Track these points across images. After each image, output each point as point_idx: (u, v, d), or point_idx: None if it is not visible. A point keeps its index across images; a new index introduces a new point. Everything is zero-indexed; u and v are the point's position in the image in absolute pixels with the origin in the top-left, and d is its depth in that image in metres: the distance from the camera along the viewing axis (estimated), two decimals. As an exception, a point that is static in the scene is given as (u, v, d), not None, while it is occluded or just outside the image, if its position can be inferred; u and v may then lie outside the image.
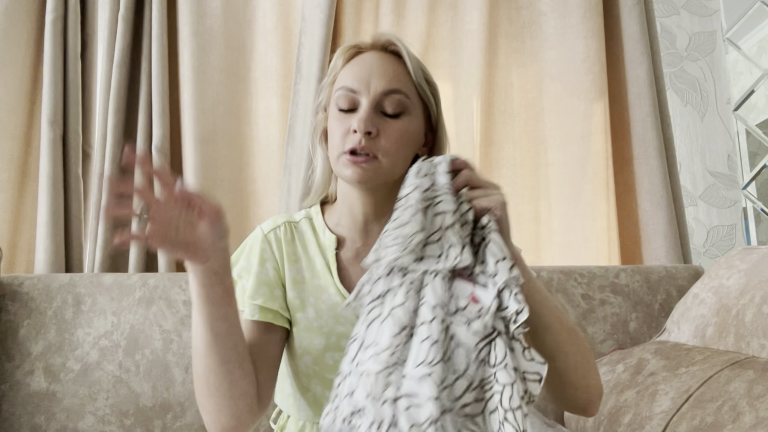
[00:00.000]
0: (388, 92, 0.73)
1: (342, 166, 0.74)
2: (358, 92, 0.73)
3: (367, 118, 0.71)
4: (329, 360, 0.74)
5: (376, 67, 0.74)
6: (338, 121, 0.74)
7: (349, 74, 0.75)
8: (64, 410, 1.19)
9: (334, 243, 0.80)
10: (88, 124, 1.50)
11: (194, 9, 1.51)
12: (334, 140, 0.75)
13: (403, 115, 0.74)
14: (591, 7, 1.53)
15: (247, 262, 0.80)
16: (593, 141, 1.54)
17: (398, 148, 0.74)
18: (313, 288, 0.78)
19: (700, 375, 0.86)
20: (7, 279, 1.26)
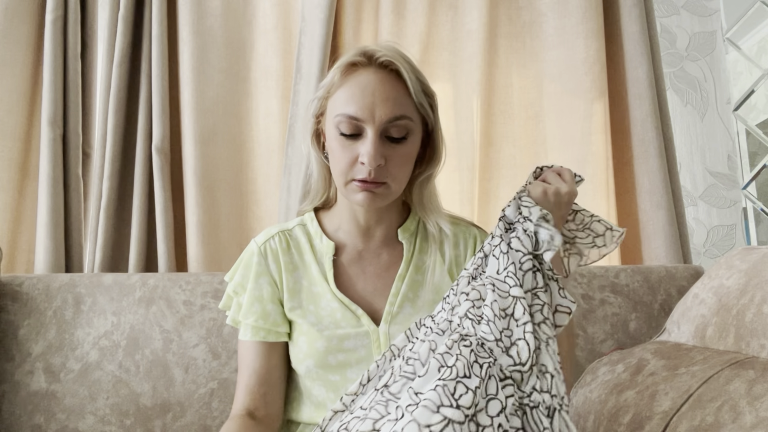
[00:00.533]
0: (392, 119, 0.72)
1: (351, 192, 0.74)
2: (362, 120, 0.71)
3: (376, 152, 0.70)
4: (332, 361, 0.75)
5: (379, 93, 0.71)
6: (342, 147, 0.73)
7: (350, 99, 0.72)
8: (64, 410, 1.19)
9: (332, 249, 0.80)
10: (88, 124, 1.50)
11: (194, 9, 1.51)
12: (339, 166, 0.73)
13: (407, 137, 0.74)
14: (591, 7, 1.53)
15: (242, 278, 0.80)
16: (593, 141, 1.54)
17: (405, 171, 0.75)
18: (311, 295, 0.78)
19: (700, 375, 0.86)
20: (7, 279, 1.26)
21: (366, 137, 0.71)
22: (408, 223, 0.84)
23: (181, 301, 1.24)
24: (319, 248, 0.81)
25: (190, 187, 1.45)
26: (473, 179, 1.53)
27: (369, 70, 0.73)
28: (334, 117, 0.73)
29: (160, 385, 1.20)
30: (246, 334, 0.78)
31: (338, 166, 0.74)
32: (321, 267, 0.79)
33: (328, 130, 0.76)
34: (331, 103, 0.75)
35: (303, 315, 0.77)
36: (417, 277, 0.80)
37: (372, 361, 0.74)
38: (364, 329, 0.75)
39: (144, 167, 1.43)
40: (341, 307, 0.76)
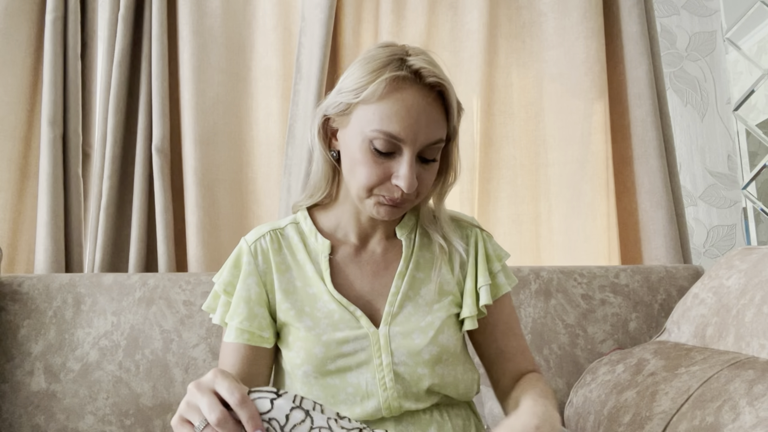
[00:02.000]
0: (432, 143, 0.70)
1: (372, 206, 0.72)
2: (403, 140, 0.68)
3: (412, 175, 0.68)
4: (331, 367, 0.72)
5: (424, 117, 0.68)
6: (373, 163, 0.69)
7: (392, 116, 0.67)
8: (64, 410, 1.19)
9: (327, 248, 0.78)
10: (88, 124, 1.50)
11: (194, 9, 1.51)
12: (366, 181, 0.70)
13: (437, 158, 0.73)
14: (591, 7, 1.53)
15: (232, 276, 0.78)
16: (593, 141, 1.54)
17: (425, 190, 0.74)
18: (306, 297, 0.76)
19: (700, 375, 0.86)
20: (7, 279, 1.26)
21: (402, 157, 0.69)
22: (406, 220, 0.83)
23: (181, 301, 1.23)
24: (313, 247, 0.79)
25: (190, 187, 1.45)
26: (473, 179, 1.53)
27: (415, 89, 0.69)
28: (370, 130, 0.69)
29: (160, 385, 1.19)
30: (230, 336, 0.75)
31: (364, 180, 0.70)
32: (317, 266, 0.77)
33: (352, 135, 0.71)
34: (364, 112, 0.70)
35: (299, 318, 0.75)
36: (418, 275, 0.78)
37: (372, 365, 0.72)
38: (363, 331, 0.73)
39: (144, 167, 1.43)
40: (339, 308, 0.74)
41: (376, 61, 0.70)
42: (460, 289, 0.80)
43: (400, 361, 0.72)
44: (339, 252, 0.79)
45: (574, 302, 1.30)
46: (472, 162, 1.52)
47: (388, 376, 0.71)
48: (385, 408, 0.72)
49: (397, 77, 0.68)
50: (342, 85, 0.73)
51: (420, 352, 0.72)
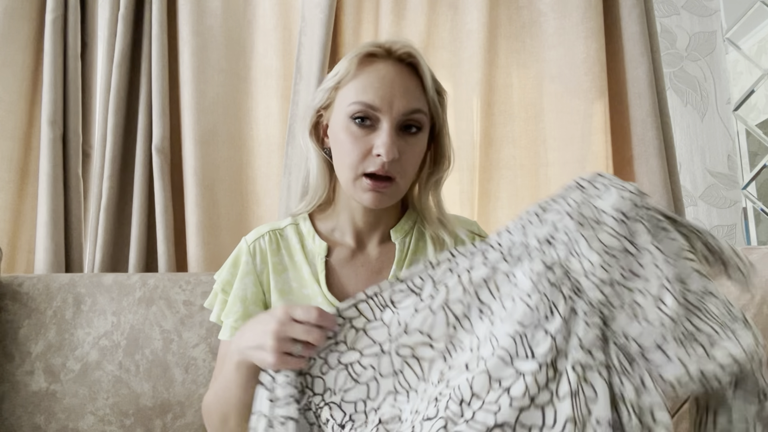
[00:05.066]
0: (409, 112, 0.71)
1: (360, 190, 0.72)
2: (379, 110, 0.70)
3: (392, 143, 0.69)
4: None
5: (398, 84, 0.71)
6: (354, 138, 0.71)
7: (366, 86, 0.71)
8: (64, 410, 1.19)
9: (324, 250, 0.78)
10: (88, 124, 1.50)
11: (194, 9, 1.51)
12: (349, 158, 0.71)
13: (419, 132, 0.73)
14: (591, 7, 1.53)
15: (230, 275, 0.79)
16: (593, 141, 1.54)
17: (414, 168, 0.74)
18: (301, 298, 0.77)
19: (700, 375, 0.86)
20: (7, 279, 1.26)
21: (381, 129, 0.70)
22: (401, 223, 0.83)
23: (181, 301, 1.23)
24: (311, 248, 0.80)
25: (190, 187, 1.45)
26: (473, 179, 1.53)
27: (388, 62, 0.72)
28: (347, 105, 0.71)
29: (160, 385, 1.19)
30: (225, 334, 0.77)
31: (348, 158, 0.71)
32: (313, 268, 0.78)
33: (336, 121, 0.74)
34: (343, 94, 0.73)
35: None
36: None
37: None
38: None
39: (144, 167, 1.43)
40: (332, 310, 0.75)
41: (357, 49, 0.74)
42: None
43: None
44: (335, 254, 0.80)
45: (574, 302, 1.30)
46: (472, 162, 1.52)
47: None
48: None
49: (368, 53, 0.72)
50: (325, 79, 0.76)
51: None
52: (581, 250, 0.57)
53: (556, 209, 0.61)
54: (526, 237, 0.62)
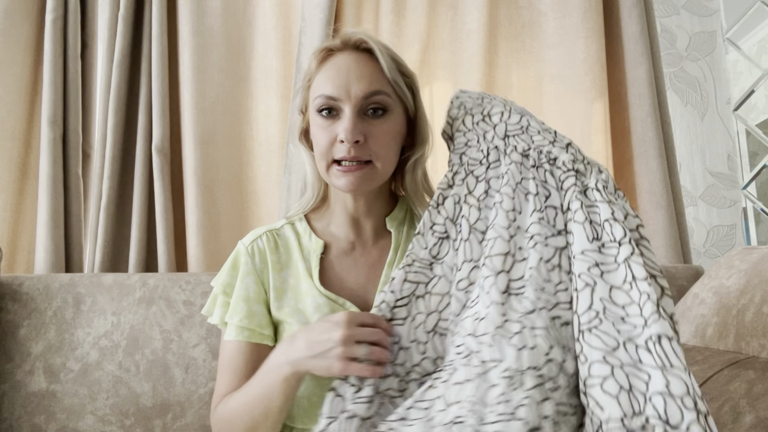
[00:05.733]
0: (368, 95, 0.73)
1: (333, 177, 0.74)
2: (339, 99, 0.73)
3: (353, 127, 0.71)
4: None
5: (353, 71, 0.73)
6: (322, 129, 0.74)
7: (326, 80, 0.74)
8: (64, 410, 1.19)
9: (320, 247, 0.80)
10: (88, 124, 1.50)
11: (194, 9, 1.51)
12: (319, 148, 0.74)
13: (386, 114, 0.75)
14: (591, 7, 1.53)
15: (230, 278, 0.80)
16: (593, 141, 1.54)
17: (388, 149, 0.75)
18: (299, 293, 0.78)
19: (700, 375, 0.86)
20: (7, 279, 1.26)
21: (344, 116, 0.73)
22: (396, 212, 0.84)
23: (181, 301, 1.23)
24: (307, 246, 0.81)
25: (190, 187, 1.45)
26: (473, 179, 1.53)
27: (344, 53, 0.76)
28: (313, 101, 0.75)
29: (160, 385, 1.19)
30: (230, 334, 0.77)
31: (318, 149, 0.75)
32: (307, 264, 0.79)
33: (311, 118, 0.77)
34: (311, 91, 0.77)
35: (291, 314, 0.77)
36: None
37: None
38: None
39: (144, 167, 1.43)
40: (327, 302, 0.76)
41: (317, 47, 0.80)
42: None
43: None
44: (333, 250, 0.81)
45: (574, 302, 1.30)
46: (472, 162, 1.52)
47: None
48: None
49: (326, 48, 0.76)
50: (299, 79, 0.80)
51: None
52: (538, 127, 0.74)
53: (492, 112, 0.76)
54: (492, 141, 0.73)
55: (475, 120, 0.76)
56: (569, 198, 0.66)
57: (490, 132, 0.74)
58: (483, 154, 0.74)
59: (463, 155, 0.75)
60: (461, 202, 0.71)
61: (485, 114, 0.76)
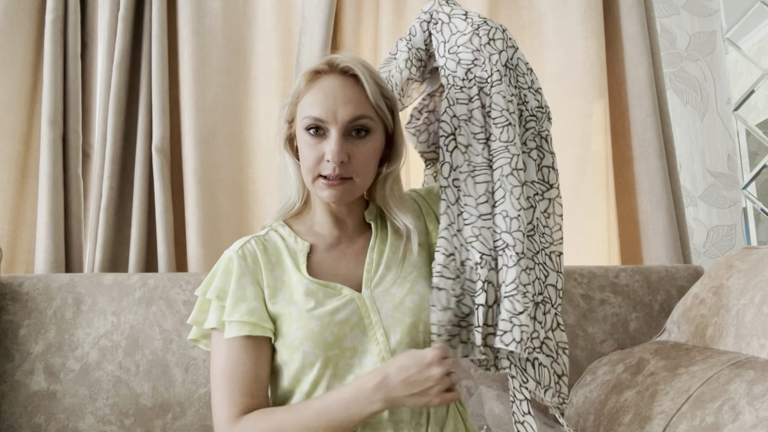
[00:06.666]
0: (353, 119, 0.79)
1: (319, 189, 0.81)
2: (326, 121, 0.79)
3: (339, 149, 0.78)
4: (329, 337, 0.77)
5: (340, 96, 0.80)
6: (309, 147, 0.80)
7: (314, 102, 0.80)
8: (64, 410, 1.19)
9: (306, 248, 0.85)
10: (88, 124, 1.50)
11: (194, 9, 1.51)
12: (306, 164, 0.81)
13: (368, 135, 0.81)
14: (591, 7, 1.53)
15: (223, 283, 0.82)
16: (593, 141, 1.54)
17: (368, 167, 0.82)
18: (291, 287, 0.82)
19: (700, 375, 0.86)
20: (7, 279, 1.26)
21: (330, 137, 0.79)
22: (371, 207, 0.92)
23: (181, 301, 1.23)
24: (293, 247, 0.86)
25: (190, 187, 1.45)
26: (473, 179, 1.53)
27: (331, 76, 0.82)
28: (302, 119, 0.81)
29: (160, 385, 1.20)
30: (231, 332, 0.78)
31: (306, 164, 0.81)
32: (295, 262, 0.84)
33: (298, 132, 0.83)
34: (300, 108, 0.83)
35: (289, 305, 0.80)
36: (384, 247, 0.87)
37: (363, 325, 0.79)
38: (348, 297, 0.80)
39: (144, 167, 1.43)
40: (319, 288, 0.80)
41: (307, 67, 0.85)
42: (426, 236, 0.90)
43: (387, 315, 0.80)
44: (320, 247, 0.86)
45: (574, 302, 1.30)
46: (472, 162, 1.52)
47: (379, 332, 0.79)
48: (380, 362, 0.77)
49: (314, 70, 0.82)
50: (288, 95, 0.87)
51: (402, 301, 0.80)
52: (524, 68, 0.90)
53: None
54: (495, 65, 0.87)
55: (481, 42, 0.88)
56: (527, 136, 0.87)
57: (495, 56, 0.87)
58: (488, 74, 0.86)
59: (470, 71, 0.87)
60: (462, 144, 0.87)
61: (491, 37, 0.88)
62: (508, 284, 0.77)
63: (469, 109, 0.85)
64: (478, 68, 0.86)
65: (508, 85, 0.85)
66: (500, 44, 0.87)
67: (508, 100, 0.84)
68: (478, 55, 0.87)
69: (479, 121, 0.85)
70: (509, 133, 0.82)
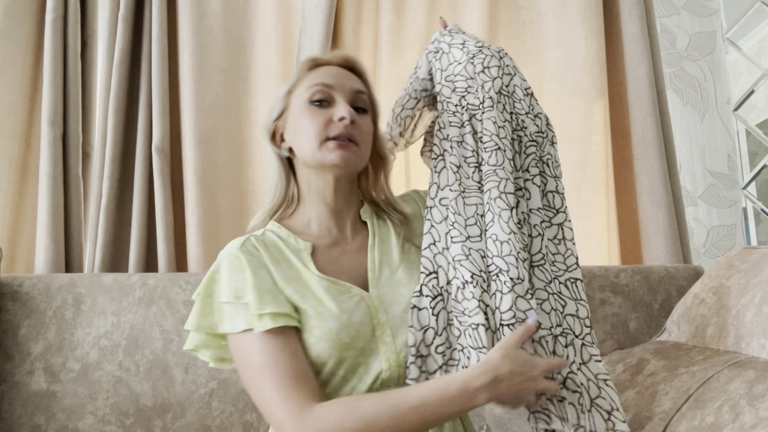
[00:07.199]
0: (359, 91, 0.84)
1: (327, 151, 0.80)
2: (334, 88, 0.82)
3: (351, 109, 0.80)
4: (345, 338, 0.74)
5: (344, 74, 0.85)
6: (314, 114, 0.81)
7: (317, 75, 0.83)
8: (64, 410, 1.19)
9: (309, 247, 0.82)
10: (88, 124, 1.50)
11: (194, 9, 1.51)
12: (312, 129, 0.80)
13: (366, 113, 0.85)
14: (591, 7, 1.53)
15: (236, 281, 0.77)
16: (593, 141, 1.54)
17: (368, 140, 0.84)
18: (301, 283, 0.78)
19: (700, 375, 0.86)
20: (7, 279, 1.26)
21: (338, 102, 0.81)
22: (366, 206, 0.91)
23: (181, 301, 1.24)
24: (295, 246, 0.83)
25: (190, 187, 1.45)
26: (473, 179, 1.53)
27: (332, 64, 0.87)
28: (306, 90, 0.82)
29: (160, 385, 1.20)
30: (266, 324, 0.72)
31: (312, 130, 0.80)
32: (301, 260, 0.81)
33: (296, 113, 0.83)
34: (297, 93, 0.84)
35: (303, 300, 0.76)
36: (383, 245, 0.86)
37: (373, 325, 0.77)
38: (358, 297, 0.78)
39: (144, 167, 1.43)
40: (331, 285, 0.78)
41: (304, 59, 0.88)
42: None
43: (395, 316, 0.78)
44: (320, 248, 0.84)
45: (574, 302, 1.30)
46: (472, 162, 1.52)
47: (386, 332, 0.77)
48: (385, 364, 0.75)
49: (314, 60, 0.87)
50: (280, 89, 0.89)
51: (410, 302, 0.78)
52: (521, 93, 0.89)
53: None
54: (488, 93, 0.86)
55: (476, 69, 0.88)
56: (529, 162, 0.85)
57: (488, 83, 0.87)
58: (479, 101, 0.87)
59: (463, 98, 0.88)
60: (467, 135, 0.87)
61: (486, 65, 0.88)
62: (504, 311, 0.73)
63: (461, 133, 0.86)
64: (471, 95, 0.87)
65: (501, 111, 0.85)
66: (495, 71, 0.87)
67: (500, 125, 0.84)
68: (471, 83, 0.88)
69: (471, 146, 0.84)
70: (497, 157, 0.81)
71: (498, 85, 0.87)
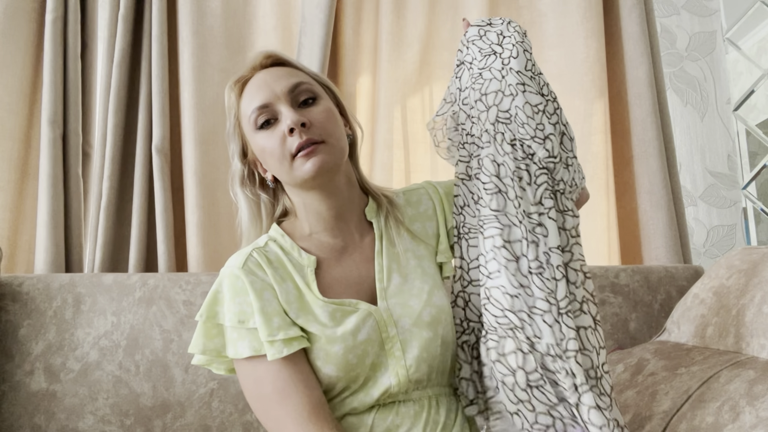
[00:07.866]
0: (293, 87, 0.77)
1: (299, 166, 0.75)
2: (270, 103, 0.76)
3: (293, 115, 0.74)
4: (353, 359, 0.73)
5: (270, 79, 0.78)
6: (267, 137, 0.76)
7: (250, 99, 0.78)
8: (64, 410, 1.19)
9: (313, 263, 0.78)
10: (88, 124, 1.50)
11: (194, 9, 1.51)
12: (275, 154, 0.76)
13: (317, 100, 0.79)
14: (591, 7, 1.53)
15: (239, 304, 0.74)
16: (593, 141, 1.54)
17: (332, 127, 0.77)
18: (305, 304, 0.76)
19: (700, 375, 0.86)
20: (7, 279, 1.26)
21: (282, 113, 0.76)
22: (371, 203, 0.85)
23: (181, 301, 1.24)
24: (298, 260, 0.79)
25: (190, 187, 1.45)
26: (473, 179, 1.53)
27: (255, 76, 0.80)
28: (248, 122, 0.78)
29: (160, 385, 1.20)
30: (279, 351, 0.70)
31: (275, 155, 0.76)
32: (304, 278, 0.77)
33: (252, 143, 0.79)
34: (243, 122, 0.80)
35: (307, 322, 0.74)
36: (392, 249, 0.82)
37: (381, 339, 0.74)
38: (366, 312, 0.75)
39: (144, 167, 1.43)
40: (336, 309, 0.75)
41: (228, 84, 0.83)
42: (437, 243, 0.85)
43: (405, 329, 0.75)
44: (325, 262, 0.79)
45: (574, 302, 1.30)
46: (472, 162, 1.52)
47: (396, 346, 0.74)
48: (395, 379, 0.73)
49: (237, 80, 0.81)
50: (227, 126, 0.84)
51: (420, 315, 0.76)
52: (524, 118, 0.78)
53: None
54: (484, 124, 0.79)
55: (474, 97, 0.82)
56: (541, 194, 0.76)
57: (484, 114, 0.80)
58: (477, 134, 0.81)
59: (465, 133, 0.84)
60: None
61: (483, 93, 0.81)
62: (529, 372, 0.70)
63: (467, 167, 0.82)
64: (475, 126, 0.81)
65: (500, 143, 0.78)
66: (491, 99, 0.79)
67: (499, 163, 0.77)
68: (471, 112, 0.82)
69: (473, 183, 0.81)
70: (498, 202, 0.75)
71: (494, 114, 0.79)
